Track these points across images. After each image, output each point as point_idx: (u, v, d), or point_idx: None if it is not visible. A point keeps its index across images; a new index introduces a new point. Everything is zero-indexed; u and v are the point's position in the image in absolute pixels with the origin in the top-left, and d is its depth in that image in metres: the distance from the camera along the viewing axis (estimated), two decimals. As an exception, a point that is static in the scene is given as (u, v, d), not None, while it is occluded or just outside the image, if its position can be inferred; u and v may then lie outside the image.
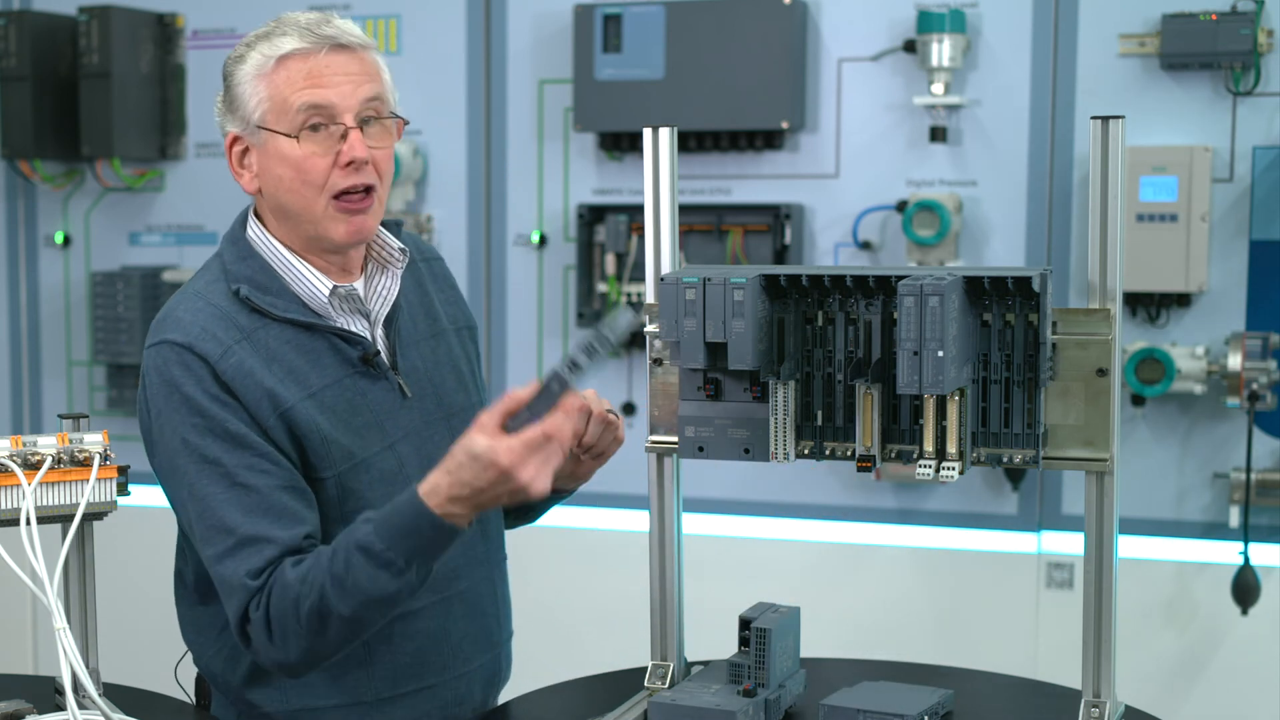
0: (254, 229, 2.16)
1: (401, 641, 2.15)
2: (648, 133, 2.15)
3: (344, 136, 2.08)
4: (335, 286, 2.13)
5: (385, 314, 2.19)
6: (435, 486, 1.94)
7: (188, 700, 2.28)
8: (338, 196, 2.09)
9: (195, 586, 2.18)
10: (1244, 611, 3.51)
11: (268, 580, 1.99)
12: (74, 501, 2.00)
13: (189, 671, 2.31)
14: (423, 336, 2.24)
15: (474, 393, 2.29)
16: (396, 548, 1.94)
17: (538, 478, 1.92)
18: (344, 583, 1.94)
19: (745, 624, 2.11)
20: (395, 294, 2.20)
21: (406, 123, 2.18)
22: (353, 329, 2.15)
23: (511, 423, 1.91)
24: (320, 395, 2.09)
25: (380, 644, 2.13)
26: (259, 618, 1.99)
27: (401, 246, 2.21)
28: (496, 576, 2.29)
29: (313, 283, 2.13)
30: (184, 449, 2.03)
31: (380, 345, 2.18)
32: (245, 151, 2.13)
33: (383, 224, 2.23)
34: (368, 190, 2.11)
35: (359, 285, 2.19)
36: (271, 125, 2.08)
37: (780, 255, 3.76)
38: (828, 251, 3.80)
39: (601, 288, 3.89)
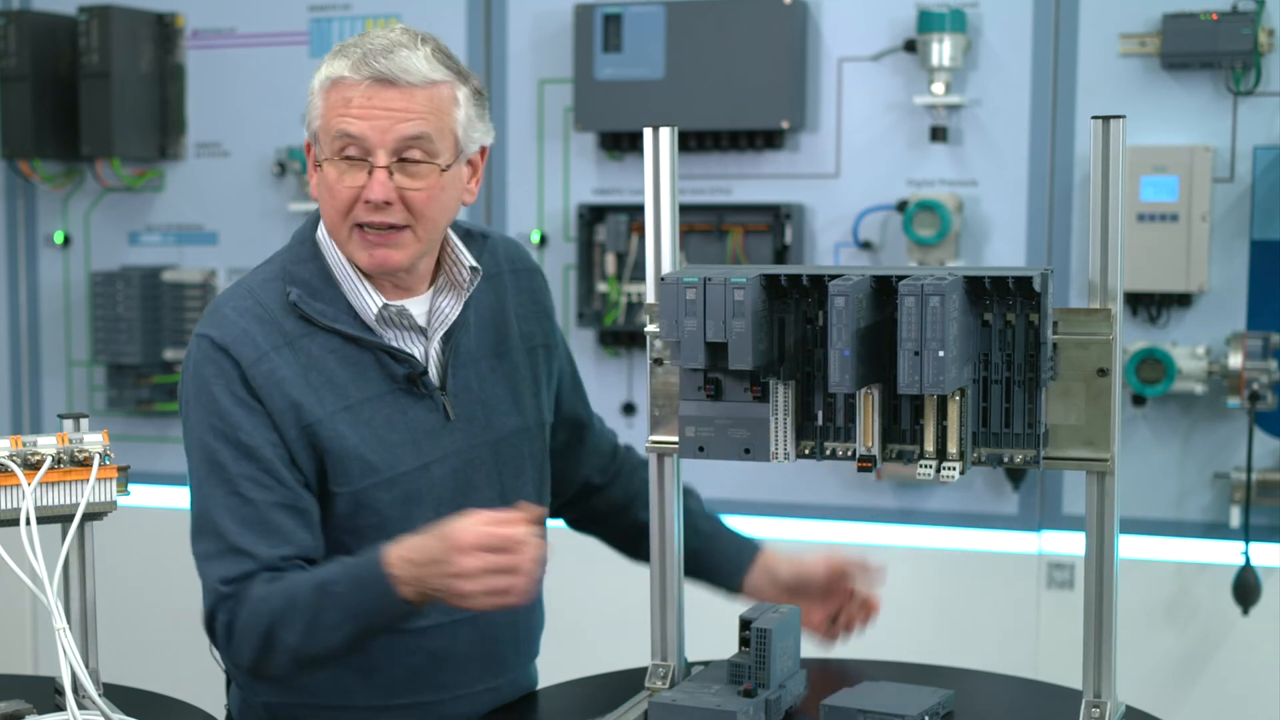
0: (325, 231, 2.15)
1: (404, 655, 2.15)
2: (648, 132, 2.15)
3: (371, 173, 2.06)
4: (384, 305, 2.11)
5: (443, 332, 2.17)
6: (402, 540, 1.97)
7: (190, 702, 2.28)
8: (360, 226, 2.08)
9: None
10: (1245, 612, 3.51)
11: (237, 590, 2.04)
12: (74, 501, 1.99)
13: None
14: (484, 355, 2.21)
15: (531, 413, 2.26)
16: (348, 598, 1.96)
17: (478, 585, 1.90)
18: (287, 614, 1.99)
19: (745, 624, 2.11)
20: (455, 315, 2.17)
21: (475, 165, 2.15)
22: (403, 345, 2.13)
23: None
24: (357, 409, 2.09)
25: (383, 654, 2.13)
26: (223, 622, 2.05)
27: (474, 266, 2.18)
28: (521, 607, 2.15)
29: (365, 296, 2.11)
30: (199, 445, 2.08)
31: (434, 363, 2.16)
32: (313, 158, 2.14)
33: (467, 235, 2.22)
34: (392, 227, 2.08)
35: (417, 302, 2.16)
36: (319, 142, 2.10)
37: (780, 255, 3.76)
38: (828, 251, 3.80)
39: (602, 288, 3.89)
